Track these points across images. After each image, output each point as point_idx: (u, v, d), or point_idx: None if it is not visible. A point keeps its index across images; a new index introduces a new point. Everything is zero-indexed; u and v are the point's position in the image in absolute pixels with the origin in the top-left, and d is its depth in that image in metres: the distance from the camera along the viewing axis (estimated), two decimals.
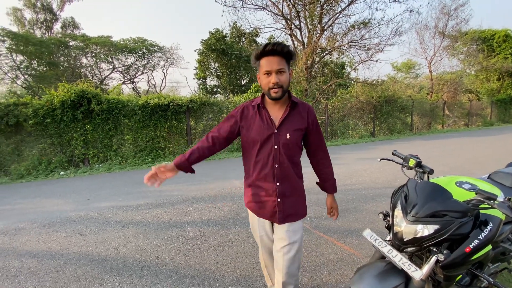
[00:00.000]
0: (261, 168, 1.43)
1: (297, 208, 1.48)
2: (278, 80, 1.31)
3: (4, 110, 6.67)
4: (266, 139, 1.40)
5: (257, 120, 1.41)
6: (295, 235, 1.45)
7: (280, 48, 1.29)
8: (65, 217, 3.68)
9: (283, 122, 1.40)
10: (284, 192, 1.44)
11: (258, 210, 1.50)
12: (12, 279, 2.30)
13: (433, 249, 1.19)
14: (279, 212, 1.43)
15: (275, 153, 1.40)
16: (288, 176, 1.43)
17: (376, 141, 11.21)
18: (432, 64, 17.60)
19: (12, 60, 16.52)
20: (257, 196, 1.48)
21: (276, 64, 1.30)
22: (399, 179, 4.99)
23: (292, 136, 1.40)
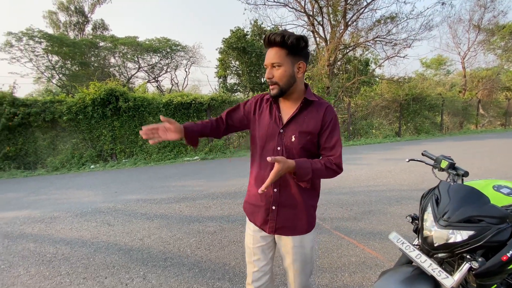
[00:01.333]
0: (260, 169, 1.26)
1: (296, 222, 1.25)
2: (272, 76, 1.15)
3: (41, 107, 7.19)
4: (270, 138, 1.22)
5: (266, 115, 1.26)
6: (303, 249, 1.28)
7: (274, 38, 1.10)
8: (95, 208, 3.91)
9: (290, 121, 1.20)
10: (282, 200, 1.23)
11: (251, 214, 1.32)
12: (47, 264, 2.48)
13: (466, 256, 1.12)
14: (270, 221, 1.24)
15: (276, 155, 1.21)
16: (289, 183, 1.22)
17: (402, 141, 10.74)
18: (466, 59, 16.54)
19: (48, 61, 17.72)
20: (253, 198, 1.30)
21: (271, 57, 1.13)
22: (427, 181, 4.75)
23: (297, 139, 1.19)
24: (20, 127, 7.09)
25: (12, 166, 7.10)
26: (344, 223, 3.17)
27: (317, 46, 13.27)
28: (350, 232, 2.93)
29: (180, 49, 21.24)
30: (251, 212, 1.31)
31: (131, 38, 19.54)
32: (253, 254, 1.31)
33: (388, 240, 2.67)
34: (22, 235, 3.11)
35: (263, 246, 1.30)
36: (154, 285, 2.11)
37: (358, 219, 3.26)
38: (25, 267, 2.42)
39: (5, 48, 15.89)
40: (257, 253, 1.30)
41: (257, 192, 1.20)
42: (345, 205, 3.73)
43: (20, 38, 15.84)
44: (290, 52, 1.13)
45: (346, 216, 3.37)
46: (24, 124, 7.10)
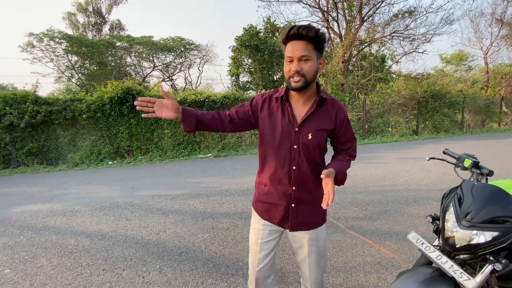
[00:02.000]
0: (276, 168, 1.25)
1: (314, 217, 1.28)
2: (300, 69, 1.11)
3: (62, 105, 7.49)
4: (286, 137, 1.22)
5: (278, 114, 1.24)
6: (318, 242, 1.30)
7: (306, 32, 1.08)
8: (113, 203, 4.04)
9: (306, 119, 1.21)
10: (300, 197, 1.25)
11: (265, 213, 1.31)
12: (69, 255, 2.59)
13: (489, 257, 1.08)
14: (291, 218, 1.26)
15: (293, 153, 1.22)
16: (307, 180, 1.24)
17: (420, 139, 10.40)
18: (488, 55, 15.77)
19: (68, 60, 18.40)
20: (268, 197, 1.30)
21: (300, 50, 1.10)
22: (447, 181, 4.58)
23: (314, 136, 1.21)
24: (43, 124, 7.42)
25: (35, 161, 7.45)
26: (359, 222, 3.12)
27: (332, 42, 13.04)
28: (365, 232, 2.88)
29: (193, 48, 21.48)
30: (266, 210, 1.31)
31: (146, 37, 19.95)
32: (262, 249, 1.31)
33: (405, 240, 2.62)
34: (45, 227, 3.26)
35: (271, 240, 1.32)
36: (169, 278, 2.16)
37: (374, 219, 3.20)
38: (48, 258, 2.54)
39: (27, 48, 16.61)
40: (264, 248, 1.31)
41: (273, 191, 1.27)
42: (360, 204, 3.67)
43: (41, 39, 16.52)
44: (316, 47, 1.13)
45: (361, 215, 3.31)
46: (46, 121, 7.42)
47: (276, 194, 1.27)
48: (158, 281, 2.14)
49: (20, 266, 2.42)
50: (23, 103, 7.17)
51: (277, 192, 1.27)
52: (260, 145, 1.32)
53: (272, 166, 1.26)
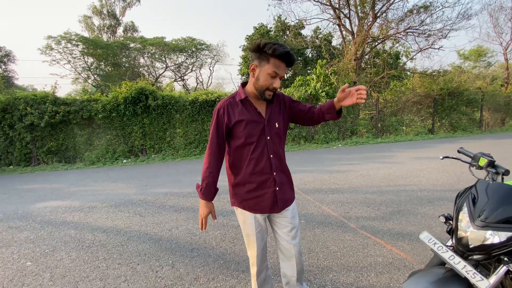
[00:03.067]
0: (257, 162, 1.41)
1: (290, 194, 1.52)
2: (279, 87, 1.36)
3: (79, 105, 7.76)
4: (261, 132, 1.40)
5: (246, 115, 1.39)
6: (296, 219, 1.52)
7: (294, 61, 1.34)
8: (127, 200, 4.16)
9: (270, 113, 1.43)
10: (280, 180, 1.46)
11: (255, 206, 1.44)
12: (86, 249, 2.70)
13: (504, 258, 1.05)
14: (279, 200, 1.44)
15: (269, 144, 1.41)
16: (282, 164, 1.48)
17: (436, 138, 10.10)
18: (508, 50, 15.10)
19: (84, 62, 19.02)
20: (255, 190, 1.43)
21: (284, 71, 1.35)
22: (463, 181, 4.44)
23: (280, 123, 1.45)
24: (61, 124, 7.72)
25: (54, 160, 7.77)
26: (370, 222, 3.08)
27: (344, 39, 12.85)
28: (377, 232, 2.84)
29: (204, 48, 21.71)
30: (254, 204, 1.45)
31: (158, 38, 20.32)
32: (258, 238, 1.48)
33: (418, 241, 2.58)
34: (64, 222, 3.41)
35: (262, 229, 1.50)
36: (181, 274, 2.22)
37: (386, 219, 3.15)
38: (67, 252, 2.66)
39: (46, 51, 17.28)
40: (259, 236, 1.48)
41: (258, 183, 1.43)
42: (372, 204, 3.62)
43: (59, 41, 17.16)
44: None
45: (373, 215, 3.27)
46: (65, 121, 7.72)
47: (262, 185, 1.43)
48: (171, 275, 2.20)
49: (41, 259, 2.55)
50: (43, 103, 7.48)
51: (262, 182, 1.43)
52: (233, 147, 1.44)
53: (253, 161, 1.41)
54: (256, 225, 1.47)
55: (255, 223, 1.46)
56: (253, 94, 1.42)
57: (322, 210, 3.47)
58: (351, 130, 10.26)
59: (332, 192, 4.17)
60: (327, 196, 3.98)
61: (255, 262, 1.52)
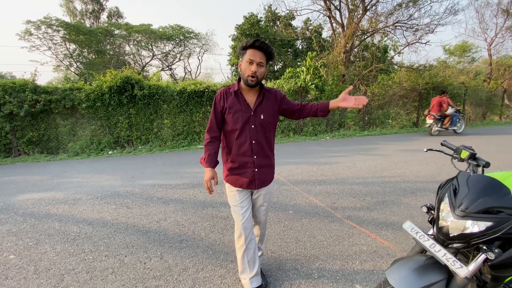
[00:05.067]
0: (240, 145, 1.70)
1: (269, 176, 1.81)
2: (256, 70, 1.58)
3: (61, 94, 7.45)
4: (246, 120, 1.67)
5: (236, 104, 1.68)
6: (270, 197, 1.90)
7: (266, 47, 1.59)
8: (114, 191, 4.08)
9: (257, 106, 1.69)
10: (259, 163, 1.73)
11: (236, 181, 1.75)
12: (71, 242, 2.64)
13: (482, 247, 1.11)
14: (256, 180, 1.73)
15: (252, 131, 1.69)
16: (263, 150, 1.74)
17: (420, 131, 10.40)
18: (493, 46, 15.57)
19: (66, 49, 18.17)
20: (237, 169, 1.74)
21: (259, 57, 1.59)
22: (444, 173, 4.62)
23: (265, 116, 1.70)
24: (42, 113, 7.40)
25: (36, 151, 7.48)
26: (356, 212, 3.17)
27: (334, 32, 12.84)
28: (362, 222, 2.93)
29: (193, 37, 21.19)
30: (236, 180, 1.75)
31: (145, 25, 19.63)
32: (241, 207, 1.76)
33: (401, 230, 2.68)
34: (47, 215, 3.31)
35: (245, 200, 1.78)
36: (170, 265, 2.22)
37: (371, 209, 3.24)
38: (51, 245, 2.59)
39: (25, 36, 16.37)
40: (244, 205, 1.77)
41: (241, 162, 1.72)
42: (358, 195, 3.71)
43: (38, 26, 16.27)
44: (267, 58, 1.64)
45: (358, 206, 3.36)
46: (46, 110, 7.41)
47: (244, 164, 1.73)
48: (159, 267, 2.20)
49: (24, 252, 2.48)
50: (22, 91, 7.13)
51: (244, 163, 1.72)
52: (225, 131, 1.76)
53: (237, 144, 1.71)
54: (239, 197, 1.76)
55: (238, 195, 1.76)
56: (244, 88, 1.70)
57: (310, 201, 3.53)
58: (339, 122, 10.40)
59: (320, 183, 4.24)
60: (315, 187, 4.04)
61: (242, 233, 1.75)
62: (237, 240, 1.79)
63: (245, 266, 1.78)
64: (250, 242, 1.76)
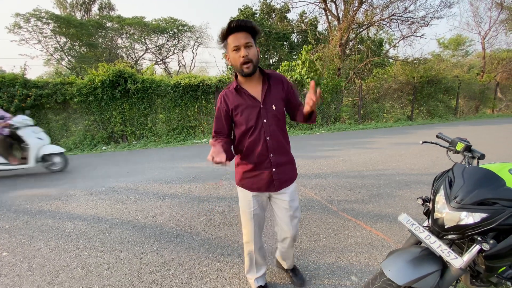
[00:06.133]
0: (254, 144, 1.48)
1: (290, 174, 1.59)
2: (248, 54, 1.33)
3: (52, 88, 7.29)
4: (256, 116, 1.44)
5: (240, 101, 1.46)
6: (294, 202, 1.60)
7: (244, 23, 1.32)
8: (108, 187, 4.04)
9: (265, 96, 1.45)
10: (278, 161, 1.51)
11: (252, 185, 1.54)
12: (66, 238, 2.61)
13: (477, 238, 1.12)
14: (275, 180, 1.52)
15: (265, 126, 1.46)
16: (280, 146, 1.51)
17: (414, 125, 10.49)
18: (486, 40, 15.68)
19: (56, 42, 17.73)
20: (252, 171, 1.53)
21: (243, 38, 1.32)
22: (438, 165, 4.68)
23: (277, 106, 1.47)
24: (33, 108, 7.24)
25: None
26: (351, 205, 3.19)
27: (329, 25, 12.75)
28: (358, 214, 2.95)
29: (187, 30, 20.84)
30: (252, 184, 1.55)
31: (137, 18, 19.23)
32: (254, 215, 1.58)
33: (396, 222, 2.70)
34: (40, 211, 3.27)
35: (260, 206, 1.60)
36: (166, 260, 2.21)
37: (366, 202, 3.27)
38: (45, 241, 2.56)
39: (14, 29, 15.92)
40: (257, 213, 1.59)
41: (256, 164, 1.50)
42: (353, 188, 3.74)
43: (28, 19, 15.82)
44: (253, 36, 1.36)
45: (353, 198, 3.38)
46: (37, 105, 7.25)
47: (259, 165, 1.51)
48: (155, 262, 2.19)
49: (18, 249, 2.44)
50: (12, 86, 6.95)
51: (259, 164, 1.50)
52: (237, 133, 1.53)
53: (250, 143, 1.48)
54: (253, 203, 1.57)
55: (252, 201, 1.56)
56: (243, 81, 1.47)
57: (306, 194, 3.54)
58: (335, 116, 10.42)
59: (315, 176, 4.26)
60: (311, 181, 4.06)
61: (251, 240, 1.63)
62: (246, 246, 1.70)
63: (252, 268, 1.75)
64: (259, 250, 1.69)
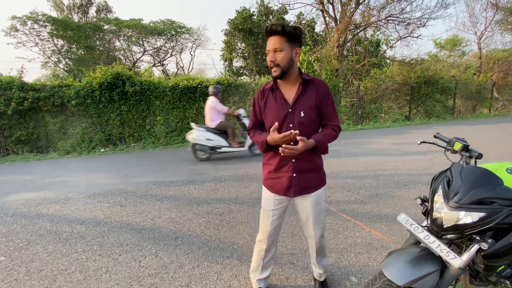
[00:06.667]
0: (278, 147, 1.44)
1: (314, 181, 1.54)
2: (274, 59, 1.35)
3: (50, 91, 7.26)
4: (283, 119, 1.44)
5: (272, 101, 1.48)
6: (319, 205, 1.57)
7: (275, 28, 1.33)
8: (107, 190, 4.02)
9: (296, 101, 1.43)
10: (299, 168, 1.49)
11: (272, 186, 1.56)
12: (64, 242, 2.59)
13: (475, 237, 1.12)
14: (294, 186, 1.50)
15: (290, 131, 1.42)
16: (304, 153, 1.43)
17: (412, 125, 10.53)
18: (482, 40, 15.75)
19: (53, 45, 17.66)
20: (273, 172, 1.54)
21: (273, 43, 1.35)
22: (436, 165, 4.69)
23: (306, 114, 1.43)
24: (31, 111, 7.21)
25: (25, 149, 7.30)
26: (351, 206, 3.19)
27: (327, 26, 12.80)
28: (357, 215, 2.95)
29: (185, 32, 20.82)
30: (272, 184, 1.56)
31: (135, 20, 19.20)
32: (273, 214, 1.59)
33: (395, 222, 2.71)
34: (38, 215, 3.24)
35: (279, 208, 1.59)
36: (165, 262, 2.20)
37: (365, 202, 3.28)
38: (43, 245, 2.54)
39: (11, 32, 15.86)
40: (275, 213, 1.59)
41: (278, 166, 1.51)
42: (352, 188, 3.74)
43: (24, 22, 15.76)
44: (289, 39, 1.35)
45: (353, 199, 3.39)
46: (34, 108, 7.22)
47: (281, 169, 1.51)
48: (155, 264, 2.18)
49: (15, 253, 2.42)
50: (9, 89, 6.92)
51: (281, 167, 1.51)
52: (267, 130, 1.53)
53: (275, 147, 1.46)
54: (274, 203, 1.58)
55: (273, 201, 1.58)
56: (281, 82, 1.48)
57: None
58: None
59: None
60: None
61: (264, 239, 1.63)
62: (258, 243, 1.70)
63: (258, 268, 1.75)
64: (270, 251, 1.70)
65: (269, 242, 1.65)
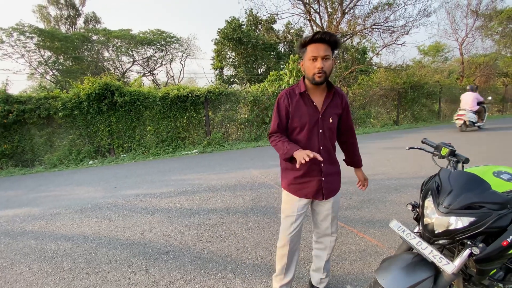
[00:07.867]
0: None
1: (337, 184, 1.68)
2: (323, 66, 1.40)
3: (36, 103, 7.08)
4: (313, 124, 1.51)
5: (303, 106, 1.52)
6: (338, 207, 1.73)
7: (328, 37, 1.39)
8: (95, 204, 3.90)
9: (326, 108, 1.52)
10: (327, 171, 1.58)
11: (299, 190, 1.59)
12: (49, 260, 2.48)
13: (467, 242, 1.13)
14: (324, 189, 1.58)
15: (320, 136, 1.53)
16: (331, 156, 1.59)
17: (400, 129, 10.75)
18: (464, 46, 16.38)
19: (40, 56, 17.38)
20: (301, 177, 1.57)
21: (323, 50, 1.40)
22: (425, 169, 4.78)
23: (333, 120, 1.55)
24: (16, 124, 7.00)
25: (10, 164, 7.04)
26: (343, 212, 3.19)
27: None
28: (350, 221, 2.95)
29: (174, 41, 20.89)
30: (299, 189, 1.59)
31: (124, 30, 19.17)
32: (296, 219, 1.62)
33: (388, 227, 2.71)
34: (22, 232, 3.11)
35: (303, 213, 1.64)
36: (157, 278, 2.13)
37: (358, 208, 3.28)
38: (27, 264, 2.43)
39: None
40: (298, 218, 1.62)
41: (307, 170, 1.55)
42: (344, 194, 3.75)
43: (10, 33, 15.49)
44: (333, 49, 1.44)
45: (345, 205, 3.39)
46: (19, 121, 7.00)
47: (309, 172, 1.56)
48: (145, 281, 2.10)
49: None
50: None
51: (310, 171, 1.56)
52: (290, 134, 1.59)
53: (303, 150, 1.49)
54: (298, 208, 1.61)
55: (297, 206, 1.61)
56: (311, 87, 1.52)
57: None
58: None
59: None
60: None
61: (287, 243, 1.64)
62: (280, 249, 1.70)
63: (282, 273, 1.74)
64: (294, 254, 1.70)
65: (291, 246, 1.66)
